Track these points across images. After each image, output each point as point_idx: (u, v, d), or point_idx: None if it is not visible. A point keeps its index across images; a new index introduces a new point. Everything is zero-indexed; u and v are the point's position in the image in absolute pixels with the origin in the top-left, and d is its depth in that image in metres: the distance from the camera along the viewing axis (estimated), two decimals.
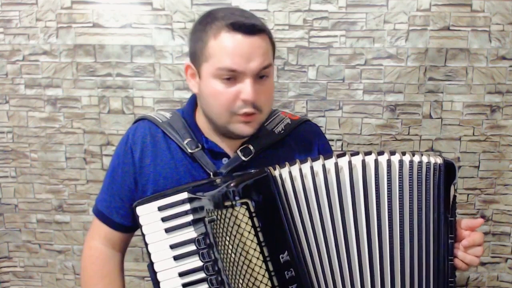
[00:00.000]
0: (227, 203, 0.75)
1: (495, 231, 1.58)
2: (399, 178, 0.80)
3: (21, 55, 1.55)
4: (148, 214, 0.90)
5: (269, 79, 0.90)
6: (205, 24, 0.88)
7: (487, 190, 1.56)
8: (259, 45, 0.85)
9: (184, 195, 0.88)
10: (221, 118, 0.89)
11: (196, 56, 0.90)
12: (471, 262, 0.84)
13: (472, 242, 0.84)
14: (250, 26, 0.84)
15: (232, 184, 0.75)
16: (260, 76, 0.87)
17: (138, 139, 0.97)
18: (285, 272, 0.76)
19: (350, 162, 0.80)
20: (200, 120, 0.97)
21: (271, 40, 0.91)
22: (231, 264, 0.78)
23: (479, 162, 1.54)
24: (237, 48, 0.84)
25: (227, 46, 0.84)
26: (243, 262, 0.76)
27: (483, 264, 1.60)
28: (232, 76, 0.85)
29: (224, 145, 0.96)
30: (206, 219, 0.81)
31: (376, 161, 0.80)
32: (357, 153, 0.81)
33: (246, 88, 0.84)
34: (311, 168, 0.80)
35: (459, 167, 1.55)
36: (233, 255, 0.77)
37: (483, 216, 1.57)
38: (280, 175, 0.79)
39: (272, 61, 0.90)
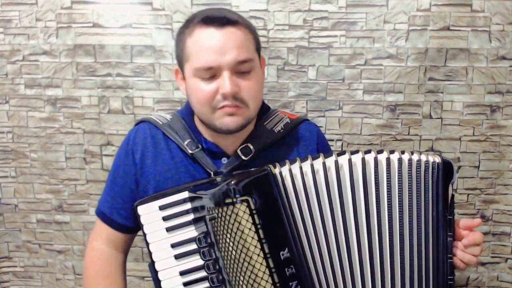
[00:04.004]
0: (228, 201, 0.76)
1: (495, 231, 1.58)
2: (398, 176, 0.81)
3: (21, 55, 1.55)
4: (149, 213, 0.90)
5: (253, 74, 0.88)
6: (184, 27, 0.90)
7: (487, 190, 1.56)
8: (233, 36, 0.85)
9: (185, 194, 0.88)
10: (204, 115, 0.89)
11: (179, 58, 0.91)
12: (469, 262, 0.84)
13: (473, 241, 0.84)
14: (221, 18, 0.85)
15: (232, 182, 0.75)
16: (242, 72, 0.86)
17: (139, 141, 0.98)
18: (286, 269, 0.76)
19: (350, 160, 0.80)
20: (198, 120, 0.97)
21: (253, 34, 0.90)
22: (232, 261, 0.78)
23: (479, 162, 1.54)
24: (210, 41, 0.84)
25: (201, 41, 0.85)
26: (244, 259, 0.76)
27: (483, 264, 1.60)
28: (211, 75, 0.85)
29: (224, 145, 0.96)
30: (207, 217, 0.82)
31: (375, 159, 0.80)
32: (357, 152, 0.81)
33: (223, 82, 0.84)
34: (312, 166, 0.80)
35: (459, 167, 1.55)
36: (233, 252, 0.77)
37: (483, 216, 1.57)
38: (281, 173, 0.79)
39: (253, 56, 0.88)
